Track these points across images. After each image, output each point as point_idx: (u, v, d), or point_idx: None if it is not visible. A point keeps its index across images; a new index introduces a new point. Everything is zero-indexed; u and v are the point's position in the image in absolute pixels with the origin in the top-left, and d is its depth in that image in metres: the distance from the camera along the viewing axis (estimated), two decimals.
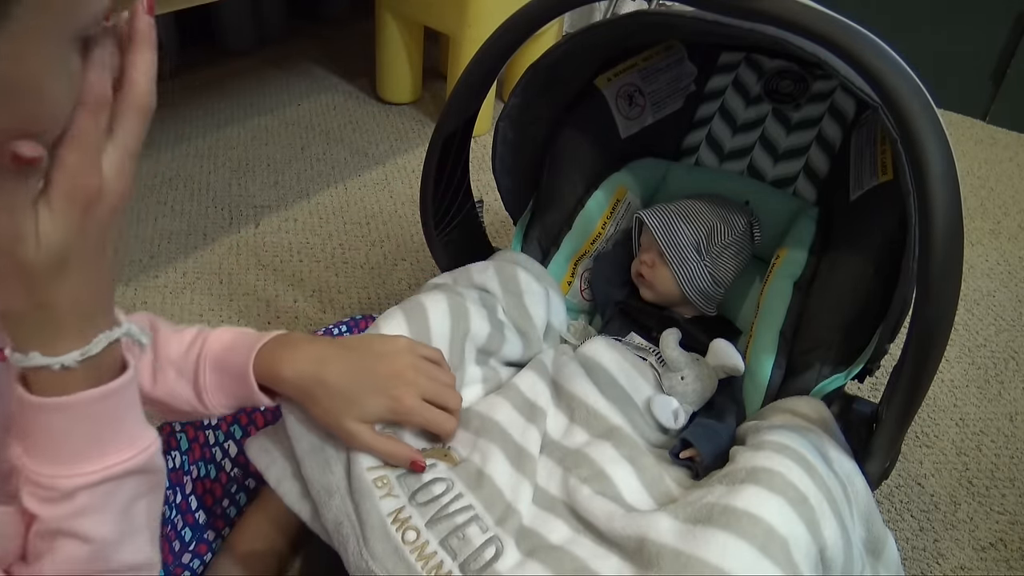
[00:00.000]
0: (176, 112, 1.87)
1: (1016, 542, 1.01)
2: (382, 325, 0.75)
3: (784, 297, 0.90)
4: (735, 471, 0.66)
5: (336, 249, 1.44)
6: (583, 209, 1.03)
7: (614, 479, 0.72)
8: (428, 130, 1.87)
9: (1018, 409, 1.22)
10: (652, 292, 0.99)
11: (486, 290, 0.88)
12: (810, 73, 1.03)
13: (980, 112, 2.13)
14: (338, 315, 1.27)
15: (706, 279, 0.96)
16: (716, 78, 1.08)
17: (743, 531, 0.59)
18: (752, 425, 0.77)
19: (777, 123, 1.06)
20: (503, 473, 0.72)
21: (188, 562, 0.78)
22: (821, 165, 1.04)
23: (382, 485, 0.66)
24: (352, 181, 1.65)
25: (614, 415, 0.81)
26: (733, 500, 0.62)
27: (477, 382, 0.83)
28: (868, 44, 0.62)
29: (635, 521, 0.65)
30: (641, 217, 0.98)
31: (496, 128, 0.96)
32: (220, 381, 0.66)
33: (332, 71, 2.13)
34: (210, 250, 1.41)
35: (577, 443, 0.78)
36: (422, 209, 0.94)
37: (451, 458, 0.73)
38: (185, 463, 0.79)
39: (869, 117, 0.96)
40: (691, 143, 1.11)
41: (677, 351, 0.87)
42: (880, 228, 0.86)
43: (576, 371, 0.85)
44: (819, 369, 0.85)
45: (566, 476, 0.74)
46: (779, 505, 0.61)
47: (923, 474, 1.09)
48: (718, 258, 0.96)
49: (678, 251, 0.95)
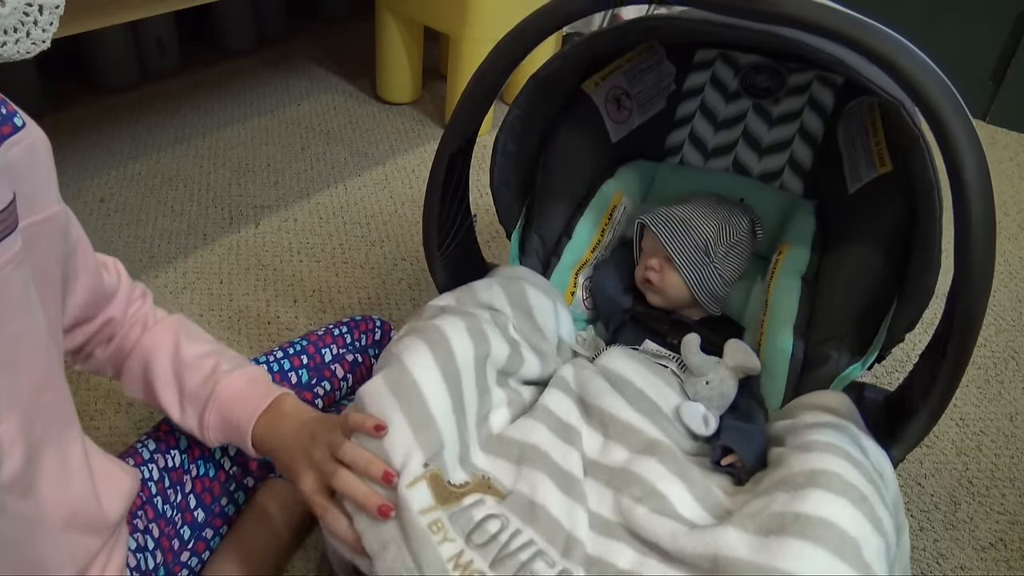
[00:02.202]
0: (176, 112, 1.87)
1: (1016, 542, 1.01)
2: (406, 358, 0.70)
3: (794, 292, 0.91)
4: (792, 476, 0.66)
5: (336, 249, 1.44)
6: (582, 217, 1.02)
7: (668, 496, 0.71)
8: (428, 130, 1.87)
9: (1018, 409, 1.22)
10: (661, 297, 0.98)
11: (494, 308, 0.85)
12: (785, 67, 1.03)
13: (980, 112, 2.13)
14: (338, 315, 1.27)
15: (716, 280, 0.96)
16: (693, 76, 1.07)
17: (817, 537, 0.59)
18: (787, 424, 0.77)
19: (758, 118, 1.06)
20: (555, 501, 0.69)
21: (187, 560, 0.78)
22: (805, 158, 1.04)
23: (437, 530, 0.63)
24: (352, 181, 1.65)
25: (649, 428, 0.79)
26: (801, 507, 0.62)
27: (502, 405, 0.80)
28: (900, 47, 0.62)
29: (703, 538, 0.64)
30: (644, 222, 0.97)
31: (496, 140, 0.94)
32: (221, 427, 0.74)
33: (332, 71, 2.13)
34: (210, 250, 1.41)
35: (618, 461, 0.76)
36: (426, 229, 0.90)
37: (496, 491, 0.70)
38: (185, 462, 0.79)
39: (853, 108, 0.97)
40: (674, 142, 1.11)
41: (699, 356, 0.86)
42: (885, 220, 0.87)
43: (602, 386, 0.83)
44: (836, 361, 0.85)
45: (617, 497, 0.72)
46: (845, 507, 0.61)
47: (923, 474, 1.09)
48: (725, 258, 0.96)
49: (687, 254, 0.94)
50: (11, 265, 0.50)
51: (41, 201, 0.54)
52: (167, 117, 1.84)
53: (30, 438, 0.54)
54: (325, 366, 0.91)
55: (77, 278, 0.64)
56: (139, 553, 0.70)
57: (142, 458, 0.77)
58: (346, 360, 0.92)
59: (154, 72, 2.01)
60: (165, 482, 0.77)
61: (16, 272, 0.51)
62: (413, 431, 0.66)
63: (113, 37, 1.85)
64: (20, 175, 0.51)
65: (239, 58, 2.15)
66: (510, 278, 0.89)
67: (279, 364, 0.88)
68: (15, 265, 0.50)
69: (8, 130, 0.50)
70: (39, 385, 0.55)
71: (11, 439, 0.52)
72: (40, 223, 0.54)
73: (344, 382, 0.92)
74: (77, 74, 1.91)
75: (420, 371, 0.69)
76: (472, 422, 0.74)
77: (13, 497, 0.53)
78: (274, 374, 0.86)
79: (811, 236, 0.96)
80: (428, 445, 0.67)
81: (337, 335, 0.93)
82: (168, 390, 0.74)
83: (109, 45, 1.87)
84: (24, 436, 0.53)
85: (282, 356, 0.88)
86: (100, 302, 0.71)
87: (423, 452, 0.66)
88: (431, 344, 0.72)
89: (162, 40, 1.99)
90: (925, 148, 0.75)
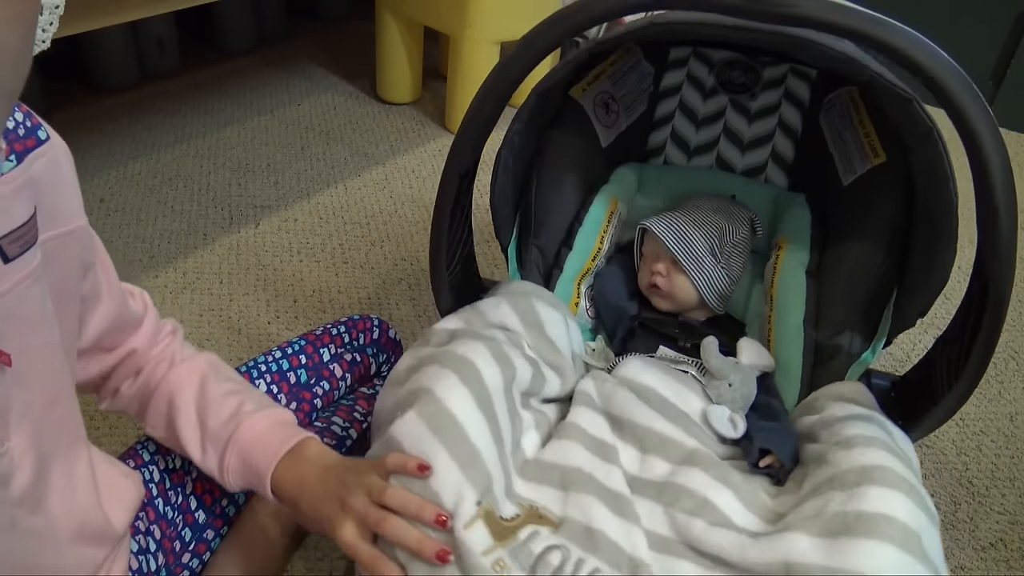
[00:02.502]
0: (176, 112, 1.87)
1: (1016, 542, 1.01)
2: (438, 390, 0.67)
3: (800, 287, 0.91)
4: (842, 474, 0.66)
5: (336, 249, 1.44)
6: (581, 227, 1.00)
7: (719, 505, 0.70)
8: (428, 130, 1.87)
9: (1018, 409, 1.22)
10: (669, 302, 0.97)
11: (506, 328, 0.82)
12: (758, 61, 1.04)
13: None
14: (338, 315, 1.27)
15: (724, 280, 0.96)
16: (669, 75, 1.07)
17: (883, 534, 0.60)
18: (816, 420, 0.78)
19: (737, 114, 1.06)
20: (612, 525, 0.67)
21: (188, 562, 0.78)
22: (787, 151, 1.05)
23: (501, 568, 0.61)
24: (352, 181, 1.65)
25: (685, 437, 0.78)
26: (861, 505, 0.62)
27: (531, 428, 0.78)
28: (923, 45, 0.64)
29: (771, 546, 0.64)
30: (646, 227, 0.96)
31: (498, 156, 0.90)
32: (241, 470, 0.70)
33: (332, 71, 2.13)
34: (210, 250, 1.41)
35: (660, 474, 0.75)
36: (434, 252, 0.85)
37: (547, 520, 0.68)
38: (186, 463, 0.79)
39: (833, 101, 0.98)
40: (656, 142, 1.11)
41: (720, 359, 0.86)
42: (886, 210, 0.88)
43: (628, 398, 0.80)
44: (847, 352, 0.86)
45: (670, 512, 0.70)
46: (902, 500, 0.62)
47: (923, 474, 1.08)
48: (730, 258, 0.97)
49: (694, 257, 0.94)
50: (28, 280, 0.50)
51: (63, 214, 0.54)
52: (167, 117, 1.84)
53: (39, 451, 0.53)
54: (323, 366, 0.90)
55: (100, 302, 0.63)
56: (141, 555, 0.70)
57: (143, 460, 0.77)
58: (344, 359, 0.92)
59: (154, 72, 2.01)
60: (166, 483, 0.77)
61: (33, 287, 0.50)
62: (460, 468, 0.63)
63: (113, 37, 1.86)
64: (43, 189, 0.51)
65: (239, 58, 2.15)
66: (516, 294, 0.86)
67: (277, 364, 0.87)
68: (32, 280, 0.50)
69: (32, 143, 0.50)
70: (51, 398, 0.54)
71: (21, 452, 0.51)
72: (62, 236, 0.54)
73: (343, 381, 0.92)
74: (77, 74, 1.91)
75: (456, 403, 0.66)
76: (508, 450, 0.72)
77: (23, 512, 0.52)
78: (272, 374, 0.86)
79: (808, 230, 0.97)
80: (478, 481, 0.64)
81: (335, 334, 0.93)
82: (189, 428, 0.71)
83: (109, 45, 1.87)
84: (34, 449, 0.52)
85: (280, 356, 0.88)
86: (124, 329, 0.69)
87: (474, 489, 0.63)
88: (460, 373, 0.68)
89: (162, 40, 1.99)
90: (939, 140, 0.75)
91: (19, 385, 0.50)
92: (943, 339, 0.85)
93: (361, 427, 0.90)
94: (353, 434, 0.88)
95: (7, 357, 0.47)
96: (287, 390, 0.86)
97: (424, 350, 0.75)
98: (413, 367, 0.72)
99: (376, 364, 0.97)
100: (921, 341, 1.32)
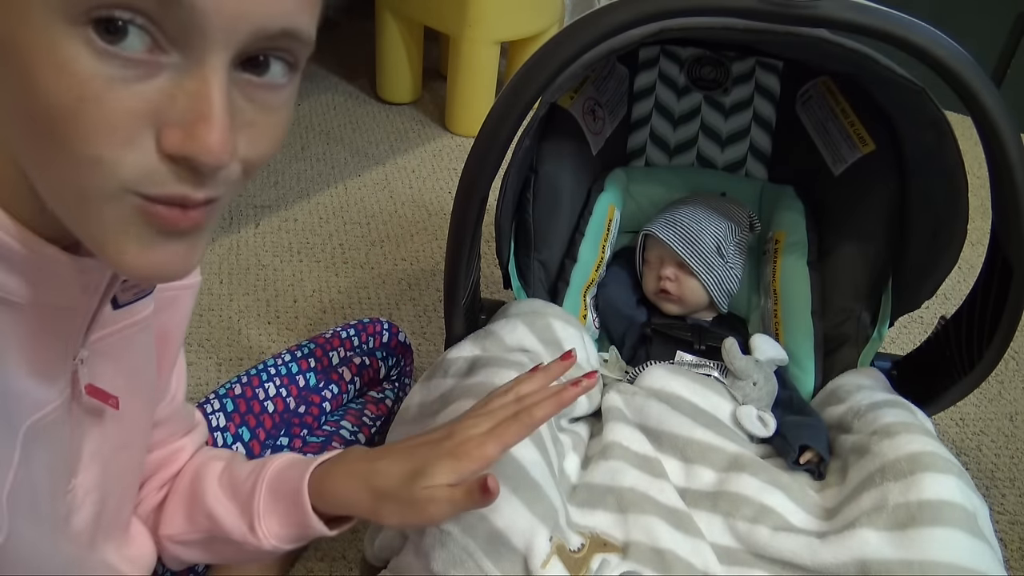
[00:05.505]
0: None
1: (1016, 542, 1.01)
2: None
3: (804, 278, 0.93)
4: (892, 463, 0.67)
5: (336, 249, 1.44)
6: (583, 238, 0.99)
7: (776, 508, 0.70)
8: (428, 130, 1.87)
9: (1018, 409, 1.22)
10: (678, 305, 0.97)
11: (525, 350, 0.80)
12: (725, 56, 1.04)
13: None
14: (338, 315, 1.27)
15: (732, 279, 0.97)
16: (642, 75, 1.07)
17: (948, 520, 0.61)
18: (844, 410, 0.79)
19: (712, 110, 1.07)
20: (679, 542, 0.66)
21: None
22: (764, 143, 1.06)
23: None
24: (352, 181, 1.65)
25: (724, 442, 0.77)
26: (923, 494, 0.63)
27: (570, 451, 0.76)
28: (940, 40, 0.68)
29: (841, 546, 0.64)
30: (650, 232, 0.96)
31: (506, 175, 0.86)
32: (274, 504, 0.60)
33: (332, 71, 2.13)
34: (210, 250, 1.41)
35: (708, 483, 0.74)
36: (452, 281, 0.79)
37: (612, 546, 0.66)
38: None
39: (809, 92, 0.98)
40: (636, 144, 1.10)
41: (743, 359, 0.86)
42: (881, 197, 0.90)
43: (662, 409, 0.79)
44: (855, 338, 0.88)
45: (729, 522, 0.70)
46: (956, 483, 0.64)
47: None
48: (735, 256, 0.97)
49: (703, 259, 0.94)
50: (137, 327, 0.50)
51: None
52: None
53: (102, 491, 0.52)
54: (333, 369, 0.90)
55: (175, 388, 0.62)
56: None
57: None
58: (353, 363, 0.92)
59: None
60: None
61: (140, 335, 0.51)
62: (527, 506, 0.61)
63: None
64: None
65: None
66: (531, 314, 0.84)
67: (287, 367, 0.87)
68: (140, 328, 0.50)
69: None
70: (124, 442, 0.54)
71: (85, 491, 0.50)
72: (179, 289, 0.55)
73: (351, 385, 0.92)
74: None
75: None
76: (558, 478, 0.69)
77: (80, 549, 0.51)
78: (282, 377, 0.86)
79: (803, 221, 0.98)
80: (547, 517, 0.62)
81: (344, 338, 0.93)
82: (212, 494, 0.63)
83: None
84: (98, 489, 0.51)
85: (289, 359, 0.88)
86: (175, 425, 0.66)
87: (545, 526, 0.61)
88: None
89: None
90: (950, 130, 0.77)
91: (98, 426, 0.50)
92: (956, 317, 0.85)
93: (369, 431, 0.89)
94: (361, 438, 0.88)
95: (116, 400, 0.47)
96: (296, 393, 0.86)
97: (444, 383, 0.72)
98: (429, 403, 0.70)
99: (385, 368, 0.97)
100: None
